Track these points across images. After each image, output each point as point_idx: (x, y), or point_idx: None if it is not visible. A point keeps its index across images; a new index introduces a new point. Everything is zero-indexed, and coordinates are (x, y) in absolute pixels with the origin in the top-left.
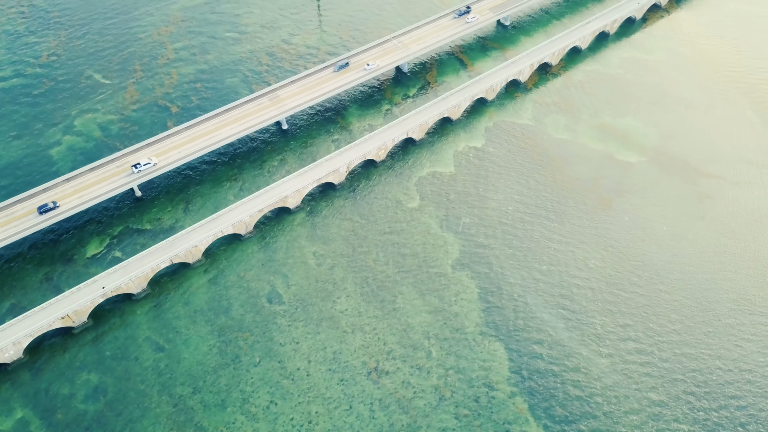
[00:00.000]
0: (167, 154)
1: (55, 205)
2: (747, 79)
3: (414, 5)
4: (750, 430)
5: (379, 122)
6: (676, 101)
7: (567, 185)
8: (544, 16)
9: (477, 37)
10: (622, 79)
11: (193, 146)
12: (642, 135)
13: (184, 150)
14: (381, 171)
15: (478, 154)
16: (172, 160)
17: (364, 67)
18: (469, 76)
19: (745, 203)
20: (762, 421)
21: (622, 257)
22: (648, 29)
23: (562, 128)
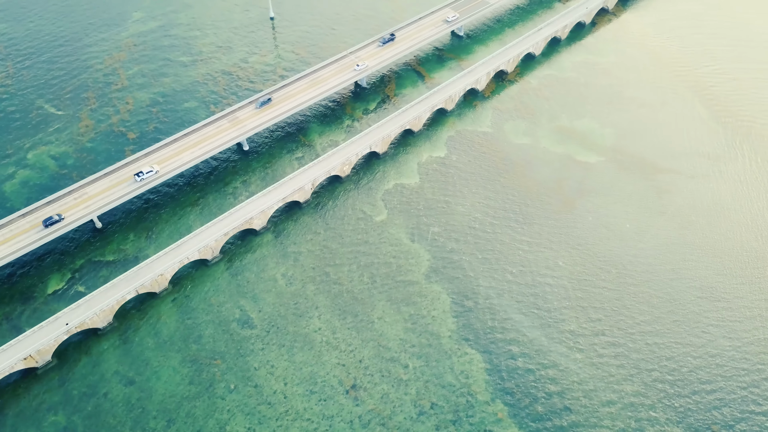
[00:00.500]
0: (126, 183)
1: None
2: (694, 76)
3: (369, 20)
4: (722, 413)
5: (342, 138)
6: (630, 101)
7: (531, 188)
8: (496, 24)
9: (433, 48)
10: (576, 82)
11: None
12: (599, 135)
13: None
14: (347, 186)
15: (442, 164)
16: (132, 188)
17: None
18: (427, 88)
19: (701, 196)
20: (732, 403)
21: (589, 255)
22: (598, 32)
23: (521, 133)
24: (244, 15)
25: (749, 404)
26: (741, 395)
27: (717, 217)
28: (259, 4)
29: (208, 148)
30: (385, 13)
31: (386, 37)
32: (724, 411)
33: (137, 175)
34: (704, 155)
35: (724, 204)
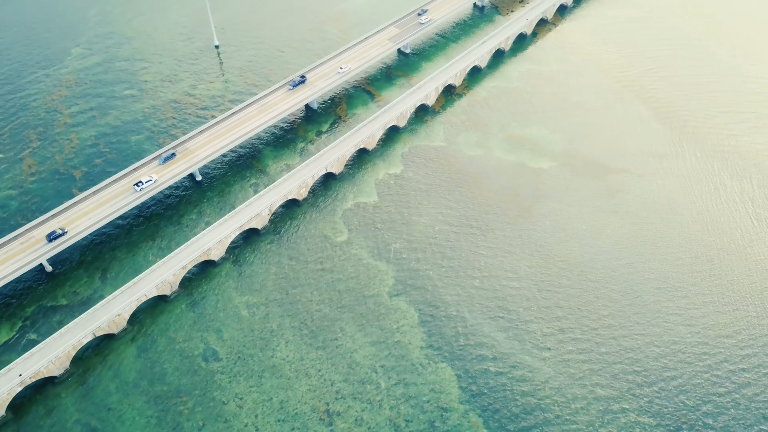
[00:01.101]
0: (76, 223)
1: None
2: (634, 78)
3: (314, 43)
4: (687, 398)
5: (296, 161)
6: (576, 106)
7: (487, 198)
8: (441, 40)
9: (382, 67)
10: (522, 91)
11: (103, 210)
12: (549, 141)
13: (94, 216)
14: (305, 209)
15: (398, 181)
16: (82, 228)
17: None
18: (378, 106)
19: (651, 193)
20: (695, 388)
21: (549, 259)
22: (539, 42)
23: (474, 145)
24: (188, 44)
25: (711, 387)
26: (703, 379)
27: (667, 212)
28: (203, 33)
29: (160, 181)
30: (331, 34)
31: (296, 79)
32: (689, 396)
33: (136, 185)
34: (650, 154)
35: (673, 199)
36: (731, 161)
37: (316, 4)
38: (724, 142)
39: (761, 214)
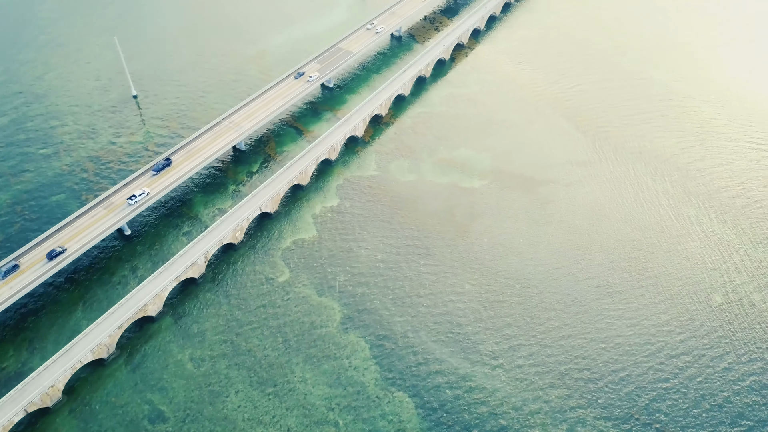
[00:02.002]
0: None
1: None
2: (550, 92)
3: (236, 83)
4: (639, 396)
5: (229, 204)
6: (499, 124)
7: (425, 221)
8: (363, 72)
9: (307, 102)
10: (447, 115)
11: (26, 277)
12: (478, 161)
13: (17, 283)
14: (242, 253)
15: (336, 213)
16: (4, 298)
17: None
18: (308, 142)
19: (580, 200)
20: (645, 385)
21: (492, 275)
22: (458, 66)
23: (406, 171)
24: (104, 97)
25: (660, 382)
26: (652, 376)
27: (597, 217)
28: (119, 84)
29: (85, 240)
30: (252, 75)
31: (161, 163)
32: (641, 394)
33: (130, 199)
34: (574, 163)
35: (601, 204)
36: (648, 162)
37: (235, 46)
38: (639, 145)
39: (681, 209)
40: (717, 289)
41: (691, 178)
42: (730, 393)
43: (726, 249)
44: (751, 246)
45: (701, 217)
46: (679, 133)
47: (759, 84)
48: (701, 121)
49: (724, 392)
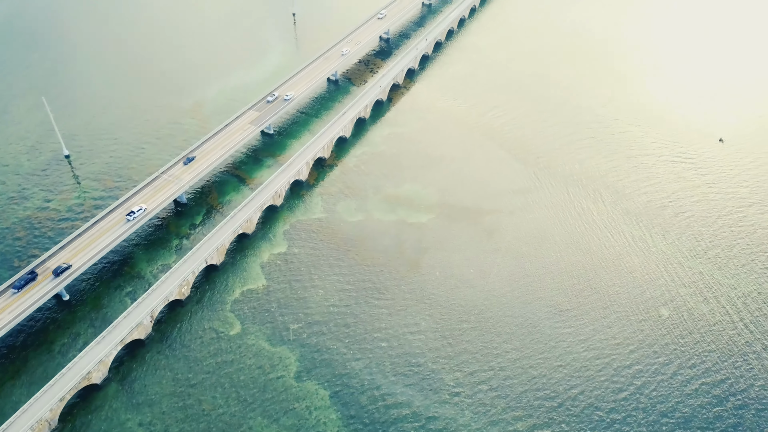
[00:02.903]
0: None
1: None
2: (486, 125)
3: (174, 136)
4: (597, 411)
5: (173, 259)
6: (440, 159)
7: (376, 259)
8: (303, 117)
9: (247, 150)
10: (389, 153)
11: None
12: (423, 196)
13: None
14: (190, 309)
15: (285, 259)
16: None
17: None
18: (251, 189)
19: (524, 227)
20: (601, 399)
21: (446, 307)
22: (396, 106)
23: (354, 211)
24: (34, 158)
25: (615, 394)
26: (607, 389)
27: (542, 242)
28: (50, 144)
29: (19, 309)
30: (189, 126)
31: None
32: (598, 407)
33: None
34: (515, 191)
35: (545, 229)
36: (584, 185)
37: (171, 99)
38: (573, 168)
39: (619, 228)
40: (660, 299)
41: (625, 196)
42: (681, 397)
43: (664, 261)
44: (686, 256)
45: (638, 233)
46: (609, 155)
47: (680, 104)
48: (629, 141)
49: (675, 398)
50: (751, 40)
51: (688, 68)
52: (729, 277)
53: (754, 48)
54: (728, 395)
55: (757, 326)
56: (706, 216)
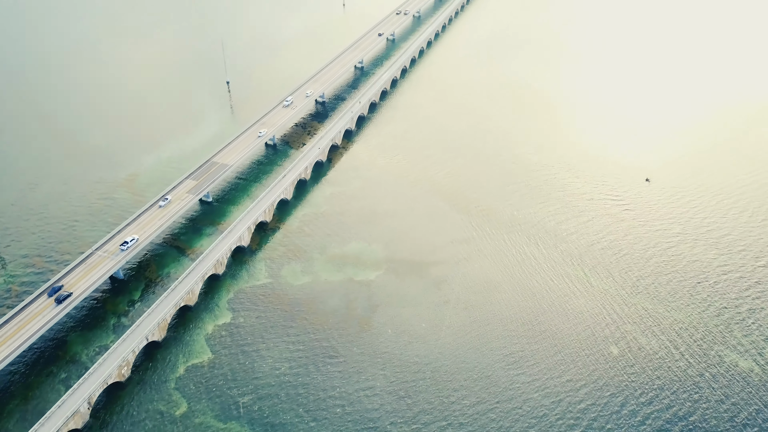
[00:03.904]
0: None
1: None
2: (425, 179)
3: (108, 210)
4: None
5: (111, 339)
6: (384, 215)
7: (326, 322)
8: (242, 182)
9: (186, 220)
10: (332, 213)
11: None
12: (370, 253)
13: None
14: (131, 390)
15: (231, 330)
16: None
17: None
18: (191, 260)
19: (471, 276)
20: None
21: (401, 365)
22: (336, 166)
23: (299, 274)
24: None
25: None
26: (564, 430)
27: (490, 290)
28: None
29: None
30: (123, 200)
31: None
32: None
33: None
34: (459, 241)
35: (491, 277)
36: (523, 231)
37: (103, 172)
38: (511, 216)
39: (560, 270)
40: (610, 337)
41: (562, 238)
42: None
43: (608, 300)
44: (627, 293)
45: (579, 274)
46: (544, 200)
47: (607, 147)
48: (561, 185)
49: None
50: (670, 86)
51: (613, 113)
52: (668, 309)
53: (673, 94)
54: (675, 421)
55: (695, 355)
56: (639, 252)
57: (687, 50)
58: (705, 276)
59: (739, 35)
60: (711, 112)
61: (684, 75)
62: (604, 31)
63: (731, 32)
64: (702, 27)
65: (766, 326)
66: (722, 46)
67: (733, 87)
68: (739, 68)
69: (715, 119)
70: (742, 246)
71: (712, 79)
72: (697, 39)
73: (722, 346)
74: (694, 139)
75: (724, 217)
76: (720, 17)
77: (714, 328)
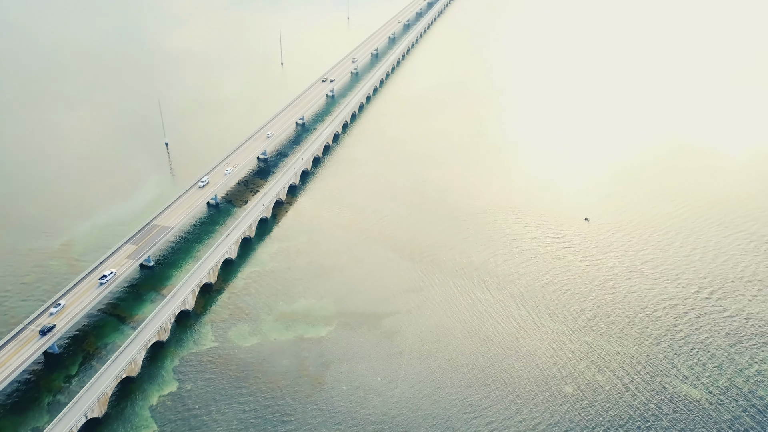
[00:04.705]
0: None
1: None
2: (371, 230)
3: (40, 281)
4: None
5: (45, 420)
6: (332, 269)
7: (278, 383)
8: (184, 244)
9: (126, 286)
10: (279, 269)
11: None
12: (320, 308)
13: None
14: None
15: (177, 399)
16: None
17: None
18: (132, 328)
19: (424, 325)
20: None
21: (358, 423)
22: (281, 222)
23: (247, 335)
24: None
25: None
26: None
27: (443, 337)
28: None
29: None
30: (56, 268)
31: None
32: None
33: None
34: (409, 290)
35: (444, 325)
36: (469, 276)
37: (35, 242)
38: (458, 261)
39: (510, 312)
40: (563, 377)
41: (508, 281)
42: None
43: (557, 339)
44: (574, 331)
45: (527, 315)
46: (487, 243)
47: (546, 188)
48: (503, 228)
49: None
50: (603, 128)
51: (551, 156)
52: (610, 342)
53: (606, 136)
54: None
55: (639, 386)
56: (583, 289)
57: (618, 94)
58: (642, 307)
59: (666, 79)
60: (641, 151)
61: (615, 118)
62: (540, 77)
63: (659, 76)
64: (631, 70)
65: (702, 351)
66: (651, 90)
67: (660, 127)
68: (664, 110)
69: (644, 158)
70: (675, 275)
71: (640, 120)
72: (627, 83)
73: (664, 375)
74: (626, 178)
75: (657, 248)
76: (647, 60)
77: (654, 357)
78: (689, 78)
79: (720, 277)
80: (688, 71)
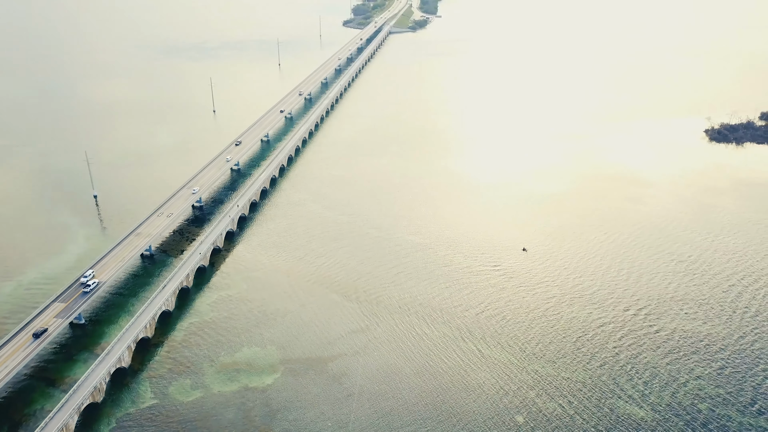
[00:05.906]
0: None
1: None
2: (313, 273)
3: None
4: None
5: None
6: (275, 315)
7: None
8: (118, 298)
9: (54, 348)
10: (219, 319)
11: None
12: (264, 356)
13: None
14: None
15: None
16: None
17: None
18: (63, 391)
19: (372, 365)
20: None
21: None
22: (220, 270)
23: (189, 389)
24: None
25: None
26: None
27: (392, 377)
28: None
29: None
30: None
31: None
32: None
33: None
34: (355, 331)
35: (393, 364)
36: (414, 312)
37: None
38: (401, 299)
39: (456, 345)
40: (513, 407)
41: (453, 314)
42: None
43: (505, 368)
44: (521, 359)
45: (473, 347)
46: (429, 278)
47: (483, 222)
48: (444, 262)
49: None
50: (534, 161)
51: (485, 191)
52: (556, 368)
53: (537, 169)
54: None
55: (587, 410)
56: (526, 317)
57: (547, 129)
58: (584, 332)
59: (591, 114)
60: (572, 181)
61: (547, 152)
62: (474, 114)
63: (585, 111)
64: (560, 107)
65: (644, 371)
66: (578, 124)
67: (588, 158)
68: (592, 142)
69: (576, 188)
70: (612, 299)
71: (570, 152)
72: (556, 119)
73: (612, 397)
74: (560, 208)
75: (593, 275)
76: (574, 97)
77: (600, 380)
78: (612, 112)
79: (654, 297)
80: (611, 106)
